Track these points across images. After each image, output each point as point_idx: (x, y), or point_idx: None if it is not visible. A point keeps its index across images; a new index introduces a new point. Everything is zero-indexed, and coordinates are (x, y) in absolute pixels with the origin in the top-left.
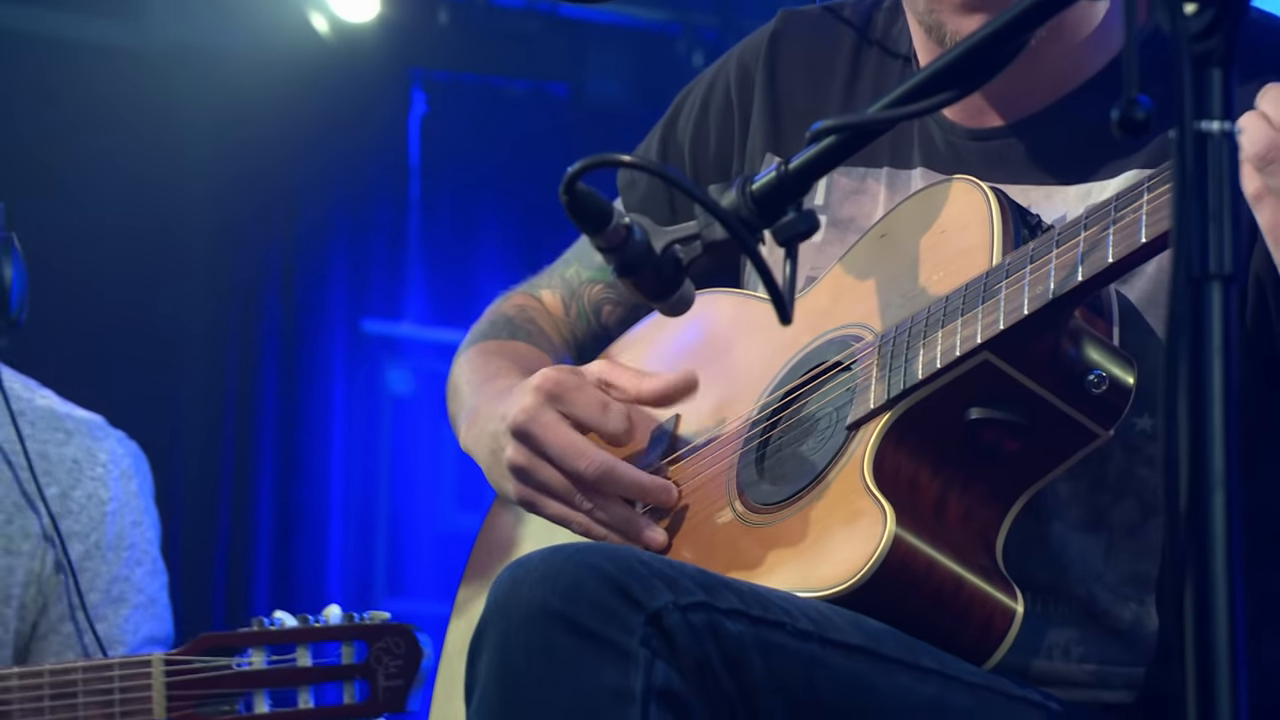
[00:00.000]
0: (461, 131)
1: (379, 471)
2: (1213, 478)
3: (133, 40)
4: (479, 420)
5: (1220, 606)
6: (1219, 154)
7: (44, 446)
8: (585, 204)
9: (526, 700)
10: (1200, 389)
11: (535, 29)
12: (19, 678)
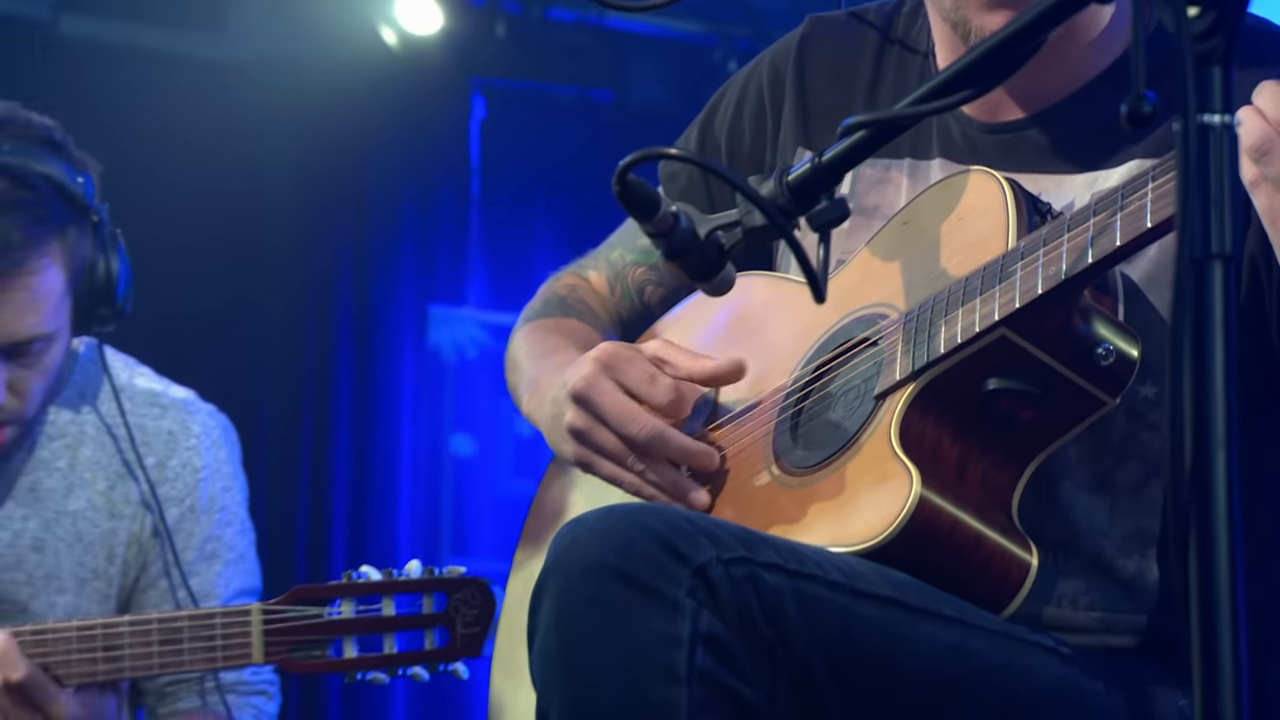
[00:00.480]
0: (517, 134)
1: (443, 441)
2: (1215, 440)
3: (219, 53)
4: (540, 389)
5: (1221, 555)
6: (1220, 144)
7: (142, 420)
8: (635, 193)
9: (583, 645)
10: (1203, 358)
11: (583, 41)
12: (129, 624)
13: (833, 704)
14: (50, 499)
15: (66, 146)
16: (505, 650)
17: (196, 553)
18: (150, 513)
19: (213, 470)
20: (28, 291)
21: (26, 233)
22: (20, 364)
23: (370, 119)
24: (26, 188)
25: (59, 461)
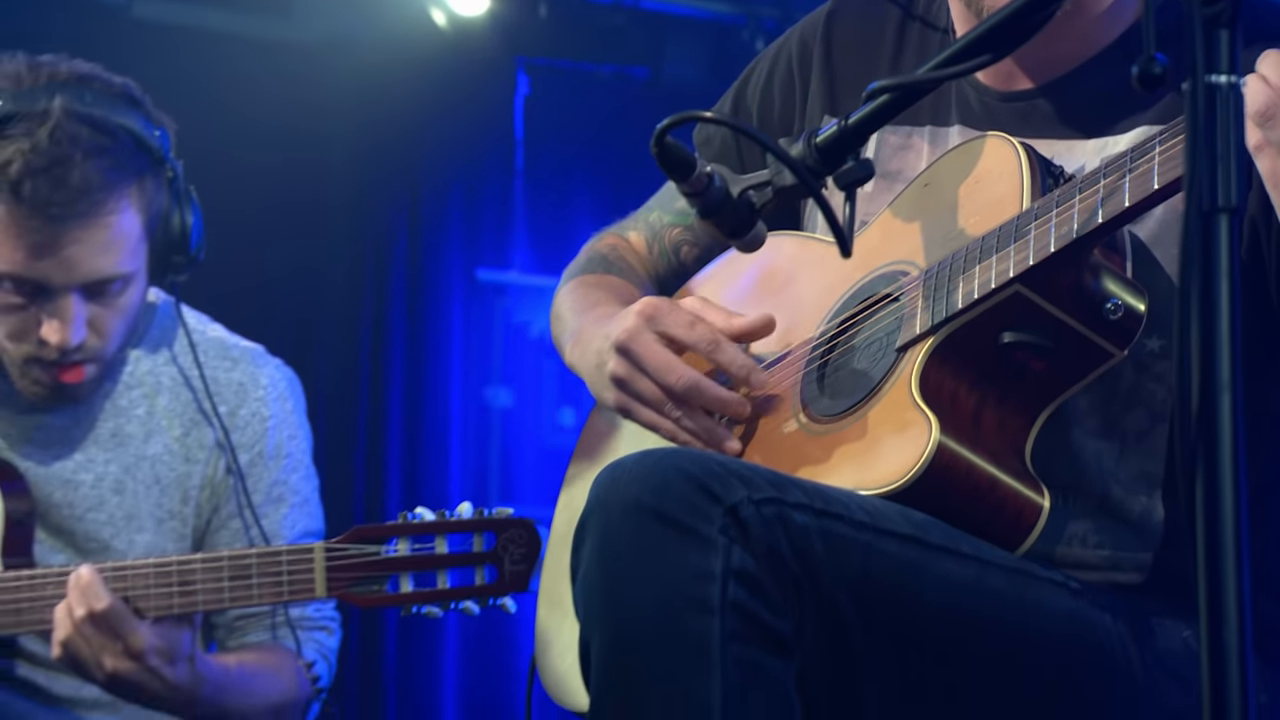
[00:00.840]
0: (558, 109)
1: (491, 396)
2: (1220, 382)
3: (283, 35)
4: (583, 340)
5: (1226, 492)
6: (1226, 104)
7: (215, 372)
8: (673, 155)
9: (623, 580)
10: (1210, 305)
11: (620, 21)
12: (202, 561)
13: (857, 635)
14: (130, 444)
15: (144, 103)
16: (550, 585)
17: (264, 496)
18: (223, 456)
19: (279, 419)
20: (107, 231)
21: (106, 176)
22: (100, 303)
23: (422, 95)
24: (107, 135)
25: (138, 409)
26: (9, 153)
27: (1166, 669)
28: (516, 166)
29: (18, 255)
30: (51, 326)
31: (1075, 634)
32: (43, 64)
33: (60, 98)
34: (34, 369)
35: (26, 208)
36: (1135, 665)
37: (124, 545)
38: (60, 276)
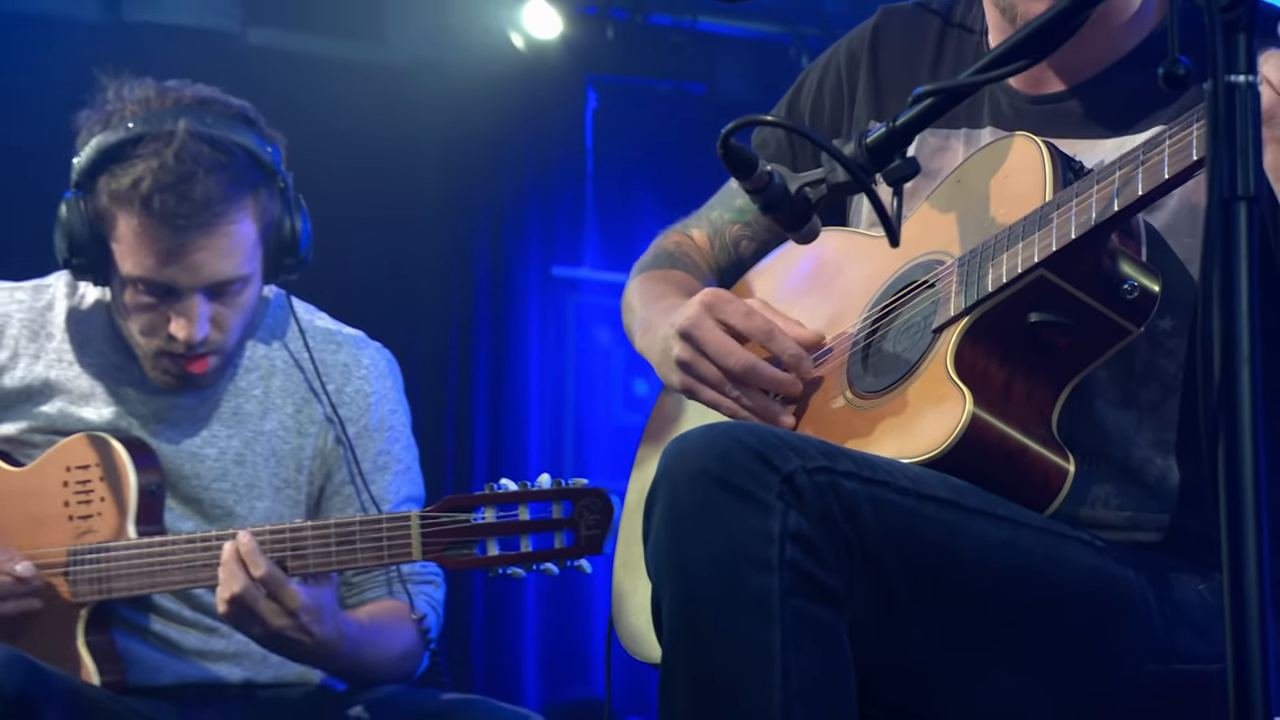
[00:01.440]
0: (624, 121)
1: (565, 380)
2: (1240, 355)
3: (379, 57)
4: (651, 328)
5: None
6: (1244, 101)
7: (322, 354)
8: (736, 155)
9: (690, 541)
10: (1230, 285)
11: (679, 41)
12: (312, 528)
13: (902, 591)
14: (249, 420)
15: (258, 123)
16: (624, 549)
17: (371, 464)
18: (332, 429)
19: (380, 395)
20: (227, 239)
21: (225, 190)
22: (221, 302)
23: (502, 110)
24: (225, 153)
25: (255, 390)
26: (140, 170)
27: (1184, 619)
28: (587, 173)
29: (149, 261)
30: (179, 324)
31: (1100, 587)
32: (169, 89)
33: (184, 120)
34: (164, 360)
35: (155, 219)
36: (1155, 616)
37: (245, 511)
38: (186, 280)
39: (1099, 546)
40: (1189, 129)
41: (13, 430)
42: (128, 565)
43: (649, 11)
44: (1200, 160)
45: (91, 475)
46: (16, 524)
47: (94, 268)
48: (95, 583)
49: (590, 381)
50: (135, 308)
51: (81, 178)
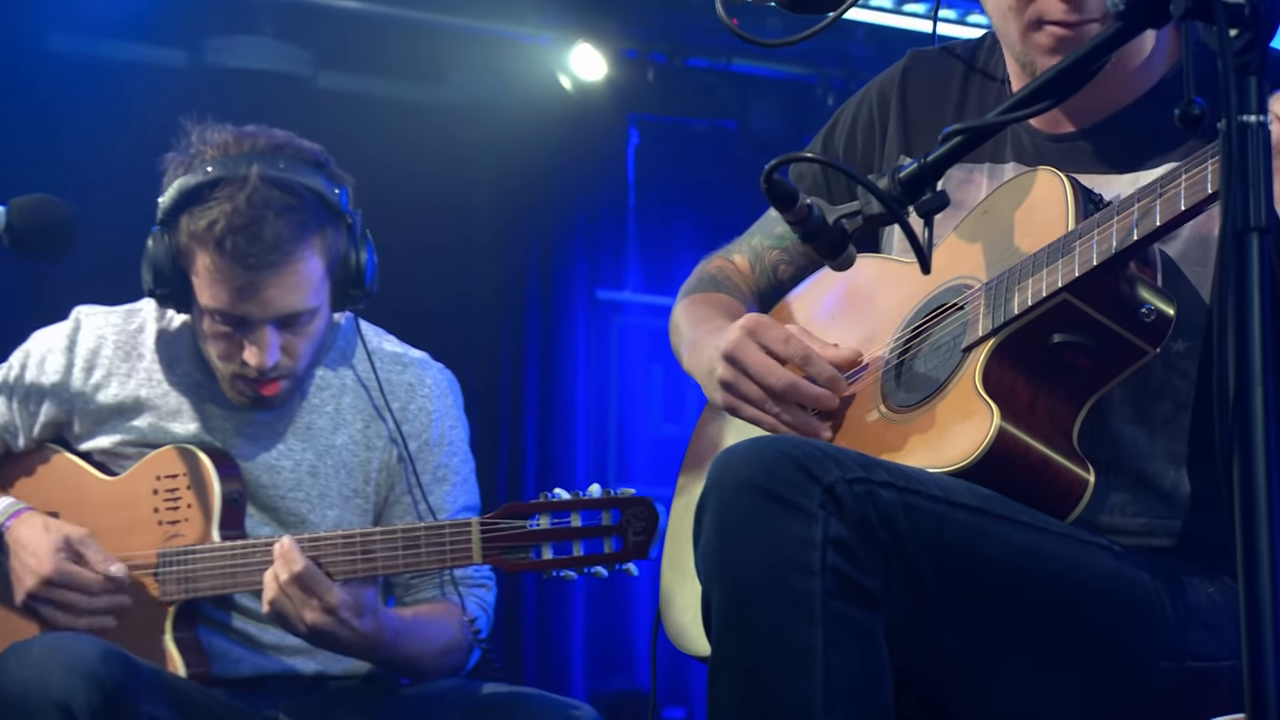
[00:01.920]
0: (663, 156)
1: (609, 394)
2: (1253, 374)
3: (439, 99)
4: (698, 349)
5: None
6: (1256, 139)
7: (389, 375)
8: (779, 189)
9: (738, 547)
10: (1244, 310)
11: (714, 82)
12: (380, 534)
13: (934, 593)
14: (321, 436)
15: (328, 165)
16: (672, 552)
17: (430, 476)
18: (395, 445)
19: (441, 413)
20: (295, 276)
21: (293, 231)
22: (290, 331)
23: (551, 146)
24: (294, 196)
25: (327, 407)
26: (214, 214)
27: (1196, 619)
28: (629, 204)
29: (223, 296)
30: (251, 352)
31: (1117, 589)
32: (246, 134)
33: (257, 165)
34: (239, 383)
35: (229, 258)
36: (1169, 616)
37: (318, 519)
38: (257, 312)
39: (1116, 551)
40: (1203, 165)
41: (107, 443)
42: (212, 567)
43: (686, 55)
44: (1213, 194)
45: (179, 484)
46: (110, 528)
47: (176, 297)
48: (182, 583)
49: (632, 396)
50: (213, 335)
51: (165, 216)
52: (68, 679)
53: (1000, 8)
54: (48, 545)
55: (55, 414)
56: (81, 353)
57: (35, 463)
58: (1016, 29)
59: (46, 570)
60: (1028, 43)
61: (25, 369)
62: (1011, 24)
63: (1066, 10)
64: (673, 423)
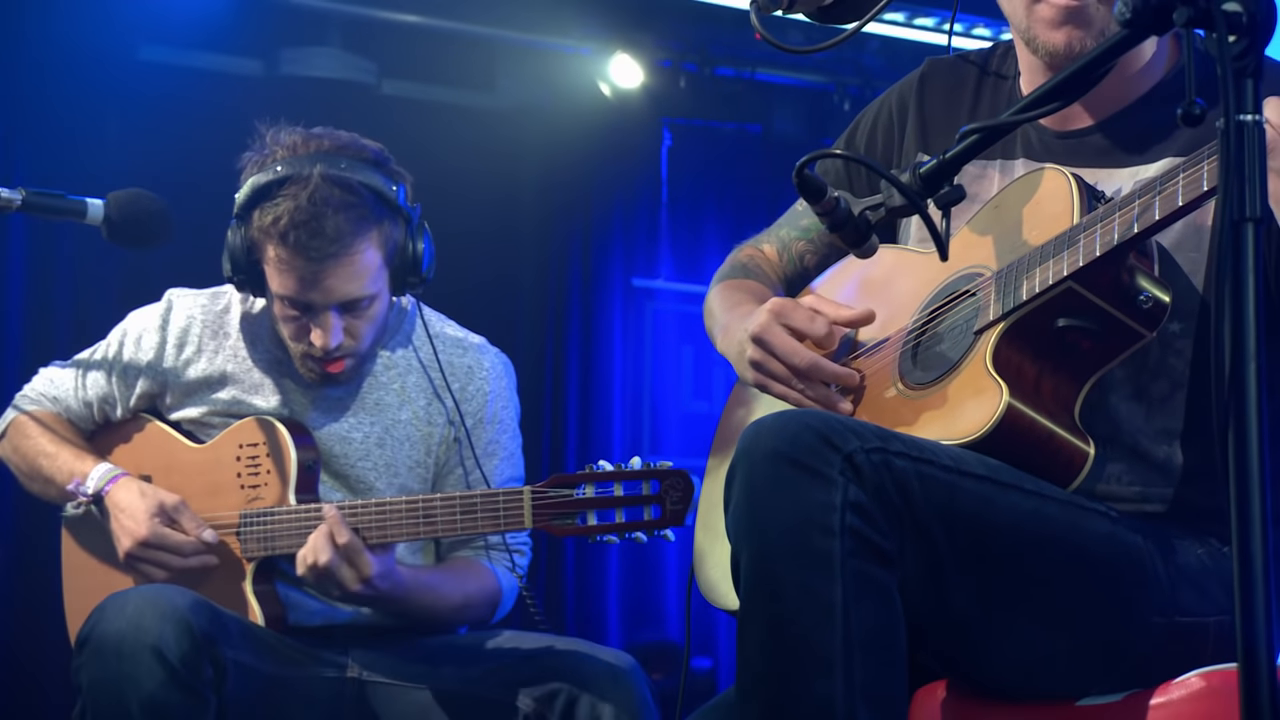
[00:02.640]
0: (693, 156)
1: (643, 374)
2: (1247, 354)
3: (490, 104)
4: (730, 332)
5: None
6: (1252, 136)
7: (449, 358)
8: (809, 183)
9: (765, 509)
10: (1239, 294)
11: (740, 89)
12: (441, 500)
13: (945, 553)
14: (388, 411)
15: (388, 164)
16: (705, 515)
17: (483, 450)
18: (454, 422)
19: (496, 394)
20: (353, 266)
21: (352, 226)
22: (352, 315)
23: (592, 147)
24: (354, 194)
25: (394, 385)
26: (280, 210)
27: (1185, 579)
28: (662, 200)
29: (290, 284)
30: (317, 334)
31: (1114, 551)
32: (313, 136)
33: (320, 165)
34: (308, 361)
35: (292, 251)
36: (1161, 575)
37: (384, 486)
38: (320, 299)
39: (1113, 517)
40: (1200, 164)
41: (195, 414)
42: (289, 527)
43: (715, 65)
44: (1209, 191)
45: (259, 452)
46: (197, 491)
47: (252, 283)
48: (261, 541)
49: (664, 375)
50: (284, 318)
51: (240, 210)
52: (160, 626)
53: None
54: (144, 510)
55: (149, 387)
56: (173, 331)
57: (131, 431)
58: (1022, 4)
59: (143, 533)
60: (1032, 16)
61: (123, 346)
62: (1018, 3)
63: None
64: (701, 399)
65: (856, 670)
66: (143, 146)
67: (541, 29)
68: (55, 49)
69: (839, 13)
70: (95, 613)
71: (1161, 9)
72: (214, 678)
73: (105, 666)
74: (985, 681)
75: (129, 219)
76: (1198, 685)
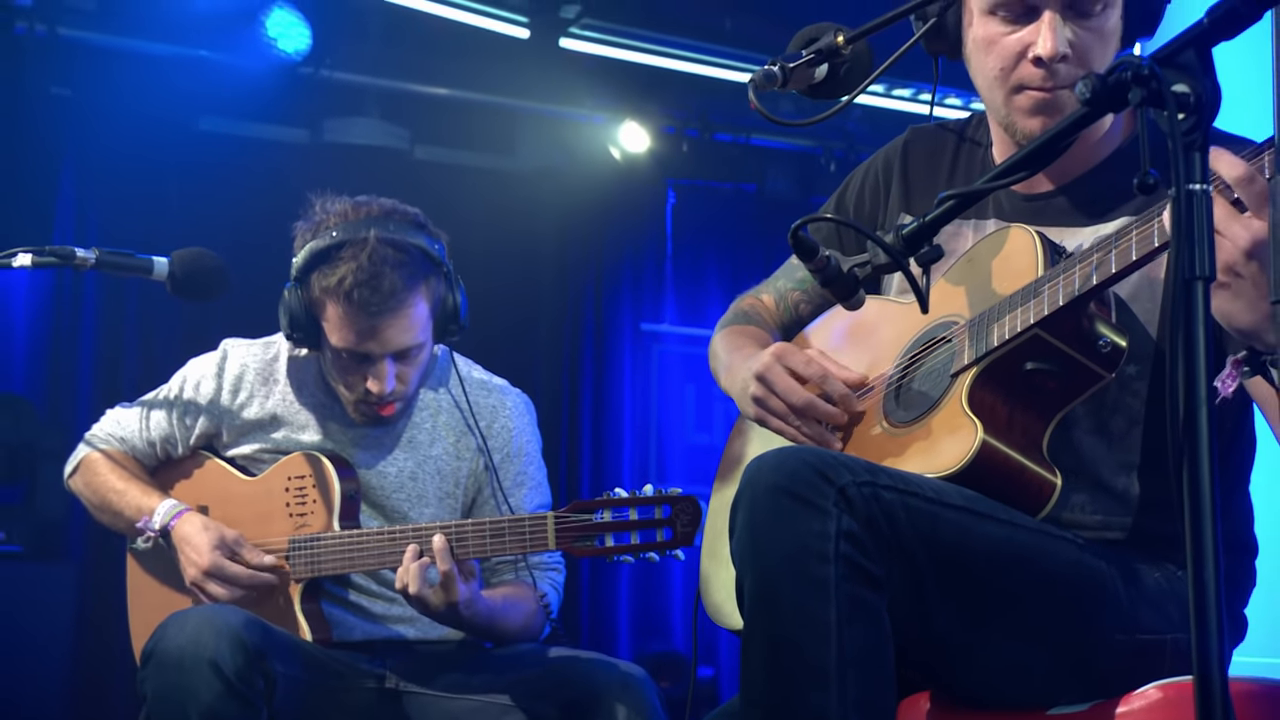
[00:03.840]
0: (695, 213)
1: (650, 408)
2: (1199, 398)
3: (510, 167)
4: (734, 371)
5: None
6: (1200, 203)
7: (477, 398)
8: (804, 244)
9: (766, 538)
10: (1190, 345)
11: (736, 153)
12: (473, 525)
13: (927, 577)
14: (421, 447)
15: (427, 226)
16: (710, 542)
17: (511, 481)
18: (482, 456)
19: (519, 430)
20: (407, 318)
21: (406, 282)
22: (403, 363)
23: (603, 204)
24: (405, 253)
25: (426, 424)
26: (342, 271)
27: (1144, 599)
28: (667, 252)
29: (350, 337)
30: (373, 382)
31: (1080, 575)
32: (361, 204)
33: (374, 229)
34: (362, 406)
35: (355, 307)
36: (1122, 597)
37: (417, 515)
38: (378, 349)
39: (1079, 544)
40: (1151, 223)
41: (248, 450)
42: (333, 551)
43: (714, 131)
44: (1159, 247)
45: (306, 483)
46: (250, 519)
47: (308, 339)
48: (309, 564)
49: (669, 409)
50: (340, 369)
51: (298, 273)
52: (217, 642)
53: (988, 77)
54: (206, 543)
55: (207, 427)
56: (228, 378)
57: (191, 466)
58: (1001, 95)
59: (205, 564)
60: (1010, 105)
61: (183, 390)
62: (997, 91)
63: (1043, 78)
64: (703, 432)
65: (849, 684)
66: (202, 208)
67: (557, 99)
68: (124, 122)
69: (827, 90)
70: (158, 630)
71: (1118, 90)
72: (265, 689)
73: (167, 679)
74: (964, 693)
75: (191, 275)
76: (1156, 696)
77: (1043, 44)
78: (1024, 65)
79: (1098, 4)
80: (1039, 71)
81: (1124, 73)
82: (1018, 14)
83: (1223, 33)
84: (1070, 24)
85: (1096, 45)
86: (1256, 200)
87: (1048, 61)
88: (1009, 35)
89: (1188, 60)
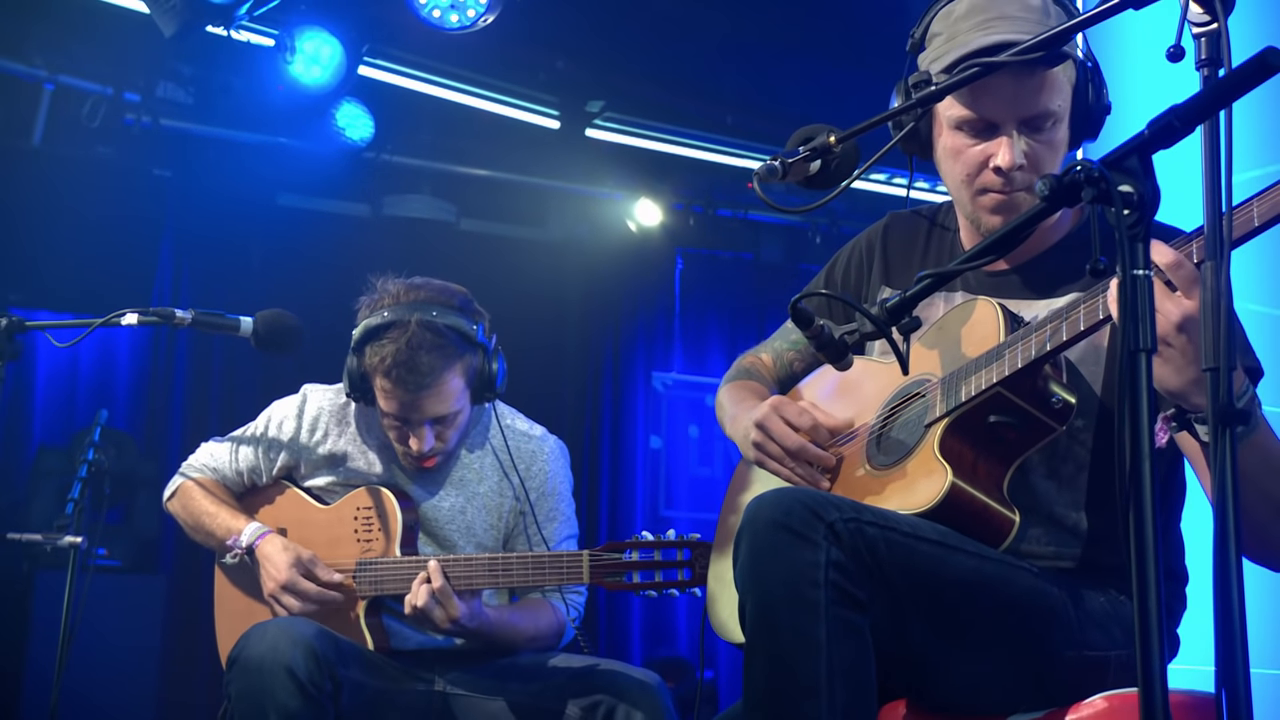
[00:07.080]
0: (700, 277)
1: (660, 447)
2: (1143, 452)
3: (541, 237)
4: (736, 420)
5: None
6: (1144, 287)
7: (517, 444)
8: (801, 314)
9: (765, 567)
10: (1135, 406)
11: (736, 226)
12: (516, 558)
13: (905, 602)
14: (468, 486)
15: (469, 307)
16: (715, 567)
17: (545, 516)
18: (518, 497)
19: (554, 472)
20: (441, 392)
21: (440, 362)
22: (441, 425)
23: (621, 269)
24: (442, 337)
25: (474, 466)
26: (385, 351)
27: (1091, 621)
28: (675, 311)
29: (393, 406)
30: (414, 441)
31: (1035, 599)
32: (412, 287)
33: (417, 314)
34: (408, 458)
35: (394, 383)
36: (1071, 618)
37: (465, 544)
38: (417, 417)
39: (1034, 572)
40: (1096, 298)
41: (322, 482)
42: (394, 572)
43: (717, 207)
44: (1103, 319)
45: (372, 514)
46: (322, 542)
47: (365, 397)
48: (372, 583)
49: (676, 448)
50: (388, 427)
51: (356, 345)
52: (292, 651)
53: (956, 180)
54: (285, 561)
55: (287, 461)
56: (307, 418)
57: (274, 494)
58: (967, 195)
59: (283, 579)
60: (975, 204)
61: (268, 428)
62: (964, 192)
63: (1003, 184)
64: (705, 466)
65: (837, 694)
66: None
67: (582, 179)
68: (214, 199)
69: (820, 181)
70: (242, 639)
71: (1072, 189)
72: (333, 691)
73: (249, 682)
74: (937, 701)
75: (273, 332)
76: (1102, 705)
77: (1003, 156)
78: (986, 173)
79: (1049, 120)
80: (999, 179)
81: (1077, 174)
82: (979, 130)
83: (1161, 143)
84: (1025, 138)
85: (1047, 155)
86: (1185, 282)
87: (1006, 171)
88: (973, 147)
89: (1132, 165)
